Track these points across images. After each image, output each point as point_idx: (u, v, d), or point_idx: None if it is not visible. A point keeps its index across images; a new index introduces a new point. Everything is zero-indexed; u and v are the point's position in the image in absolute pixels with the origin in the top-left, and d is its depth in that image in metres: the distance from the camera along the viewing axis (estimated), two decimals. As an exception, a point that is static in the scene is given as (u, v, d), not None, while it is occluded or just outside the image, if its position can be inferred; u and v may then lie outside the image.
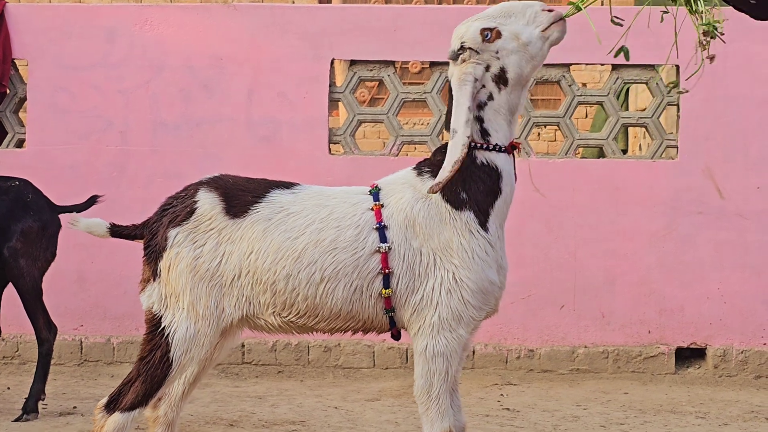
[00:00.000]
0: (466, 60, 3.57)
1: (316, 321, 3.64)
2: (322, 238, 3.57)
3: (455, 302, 3.55)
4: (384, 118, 7.32)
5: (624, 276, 7.11)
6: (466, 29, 3.58)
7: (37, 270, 5.82)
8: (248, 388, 6.70)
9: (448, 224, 3.58)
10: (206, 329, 3.60)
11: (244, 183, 3.72)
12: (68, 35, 7.29)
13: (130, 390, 3.59)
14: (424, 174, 3.65)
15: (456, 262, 3.55)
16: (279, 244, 3.58)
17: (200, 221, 3.63)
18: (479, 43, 3.55)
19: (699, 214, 7.10)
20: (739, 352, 7.08)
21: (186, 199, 3.67)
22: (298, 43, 7.24)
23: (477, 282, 3.55)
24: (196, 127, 7.25)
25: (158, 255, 3.64)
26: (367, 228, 3.59)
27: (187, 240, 3.62)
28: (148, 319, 3.66)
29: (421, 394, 3.60)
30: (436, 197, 3.60)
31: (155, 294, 3.64)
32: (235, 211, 3.63)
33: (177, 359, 3.59)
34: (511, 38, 3.55)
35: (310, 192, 3.70)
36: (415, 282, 3.57)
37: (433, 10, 7.48)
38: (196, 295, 3.60)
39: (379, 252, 3.56)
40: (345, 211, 3.62)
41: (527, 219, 6.98)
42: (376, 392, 6.58)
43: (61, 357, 7.15)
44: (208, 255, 3.61)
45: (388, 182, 3.71)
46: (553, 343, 7.13)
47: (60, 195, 6.30)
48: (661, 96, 7.14)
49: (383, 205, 3.61)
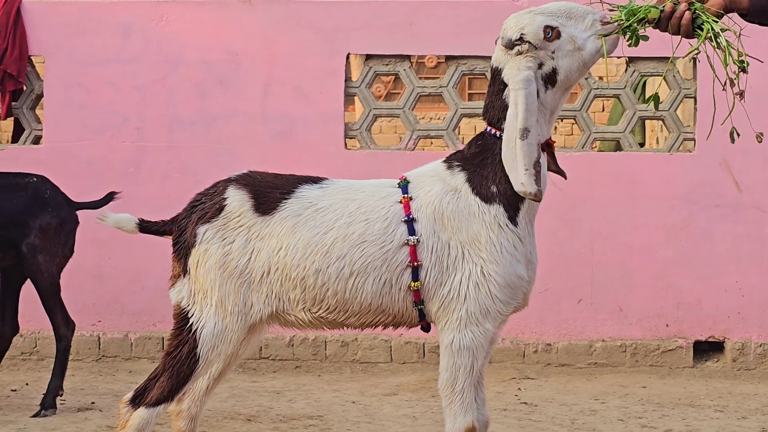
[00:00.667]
0: (523, 53, 3.52)
1: (346, 316, 3.63)
2: (350, 232, 3.56)
3: (483, 296, 3.53)
4: (400, 112, 7.31)
5: (641, 269, 7.10)
6: (529, 21, 3.52)
7: (55, 266, 5.83)
8: (266, 383, 6.71)
9: (477, 218, 3.56)
10: (234, 326, 3.60)
11: (272, 179, 3.71)
12: (84, 31, 7.30)
13: (156, 385, 3.59)
14: (455, 167, 3.63)
15: (484, 255, 3.54)
16: (308, 240, 3.57)
17: (229, 218, 3.62)
18: (540, 39, 3.50)
19: (716, 207, 7.08)
20: (758, 345, 7.06)
21: (215, 196, 3.67)
22: (313, 37, 7.24)
23: (505, 276, 3.54)
24: (212, 122, 7.25)
25: (187, 251, 3.64)
26: (395, 221, 3.57)
27: (216, 237, 3.61)
28: (176, 315, 3.65)
29: (446, 388, 3.59)
30: (465, 190, 3.58)
31: (185, 290, 3.64)
32: (264, 208, 3.62)
33: (204, 355, 3.58)
34: (569, 41, 3.51)
35: (339, 186, 3.69)
36: (443, 275, 3.56)
37: (449, 4, 7.45)
38: (225, 292, 3.59)
39: (408, 245, 3.55)
40: (373, 205, 3.60)
41: (544, 213, 6.82)
42: (393, 387, 6.58)
43: (79, 353, 7.17)
44: (237, 252, 3.60)
45: (417, 174, 3.69)
46: (570, 337, 7.13)
47: (77, 191, 6.31)
48: (678, 88, 7.12)
49: (412, 198, 3.60)
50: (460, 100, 7.25)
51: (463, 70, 7.24)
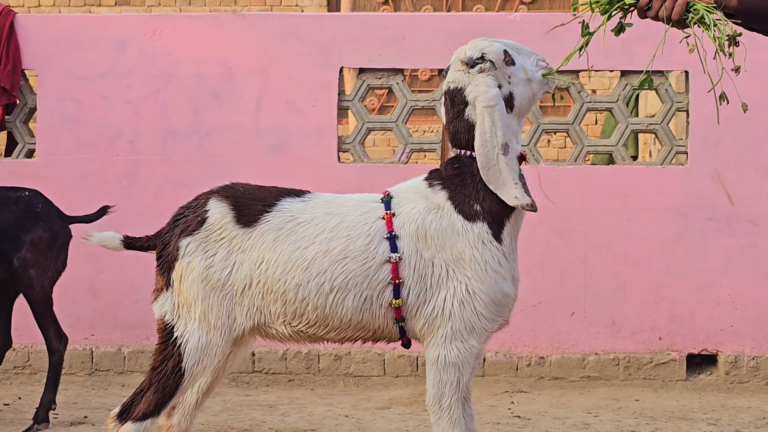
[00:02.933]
0: (485, 71, 3.56)
1: (326, 331, 3.64)
2: (332, 248, 3.57)
3: (468, 314, 3.55)
4: (393, 125, 7.32)
5: (634, 282, 7.11)
6: (489, 44, 3.60)
7: (47, 280, 5.83)
8: (259, 397, 6.70)
9: (461, 236, 3.57)
10: (218, 339, 3.61)
11: (254, 191, 3.72)
12: (78, 45, 7.32)
13: (143, 400, 3.60)
14: (435, 186, 3.65)
15: (469, 274, 3.55)
16: (289, 254, 3.58)
17: (211, 231, 3.63)
18: (501, 60, 3.57)
19: (709, 220, 7.09)
20: (751, 359, 7.06)
21: (197, 209, 3.68)
22: (306, 51, 7.25)
23: (490, 294, 3.55)
24: (206, 135, 7.26)
25: (170, 265, 3.65)
26: (377, 237, 3.58)
27: (198, 249, 3.62)
28: (160, 329, 3.66)
29: (433, 404, 3.60)
30: (448, 208, 3.60)
31: (168, 304, 3.65)
32: (246, 220, 3.63)
33: (189, 369, 3.59)
34: (522, 70, 3.61)
35: (321, 200, 3.70)
36: (426, 293, 3.57)
37: (441, 18, 7.49)
38: (208, 305, 3.60)
39: (390, 262, 3.56)
40: (355, 220, 3.61)
41: (537, 226, 6.95)
42: (386, 400, 6.58)
43: (72, 366, 7.16)
44: (219, 264, 3.61)
45: (401, 190, 3.70)
46: (563, 350, 7.13)
47: (70, 205, 6.31)
48: (671, 102, 7.13)
49: (394, 214, 3.61)
50: (453, 113, 7.25)
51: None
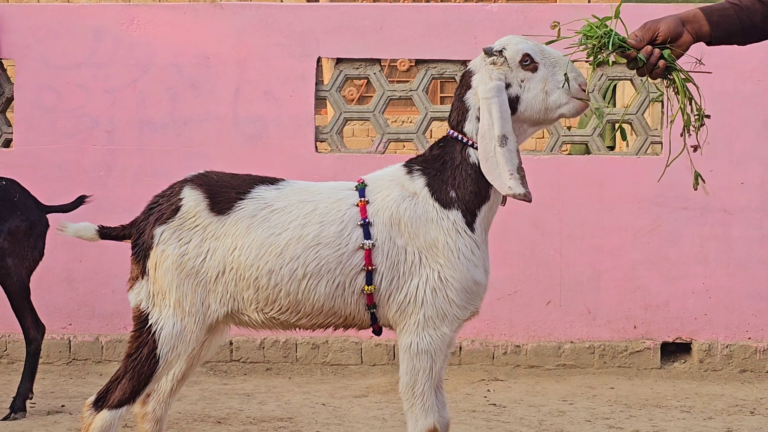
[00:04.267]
0: (496, 65, 3.59)
1: (298, 317, 3.66)
2: (305, 234, 3.59)
3: (440, 301, 3.58)
4: (370, 116, 7.35)
5: (609, 272, 7.16)
6: (516, 42, 3.60)
7: (24, 269, 5.83)
8: (236, 386, 6.73)
9: (435, 223, 3.59)
10: (192, 326, 3.63)
11: (228, 179, 3.74)
12: (55, 35, 7.30)
13: (118, 387, 3.62)
14: (414, 172, 3.67)
15: (441, 261, 3.58)
16: (262, 240, 3.60)
17: (185, 219, 3.65)
18: (516, 62, 3.57)
19: (683, 210, 7.15)
20: (724, 347, 7.13)
21: (171, 197, 3.70)
22: (284, 41, 7.26)
23: (462, 281, 3.58)
24: (183, 125, 7.27)
25: (145, 253, 3.67)
26: (351, 224, 3.61)
27: (172, 237, 3.64)
28: (135, 317, 3.68)
29: (406, 391, 3.63)
30: (424, 195, 3.62)
31: (143, 292, 3.67)
32: (220, 208, 3.65)
33: (164, 356, 3.61)
34: (541, 80, 3.58)
35: (295, 187, 3.72)
36: (399, 280, 3.59)
37: (418, 8, 7.50)
38: (182, 292, 3.62)
39: (363, 248, 3.59)
40: (329, 207, 3.63)
41: (513, 216, 6.99)
42: (363, 389, 6.61)
43: (50, 356, 7.17)
44: (193, 252, 3.63)
45: (376, 178, 3.72)
46: (539, 339, 7.18)
47: (47, 194, 6.32)
48: (646, 92, 7.18)
49: (369, 202, 3.64)
50: (429, 103, 7.29)
51: (433, 74, 7.28)
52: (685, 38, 3.39)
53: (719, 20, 3.40)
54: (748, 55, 7.07)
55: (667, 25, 3.39)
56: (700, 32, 3.40)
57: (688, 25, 3.40)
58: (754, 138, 7.18)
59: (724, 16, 3.41)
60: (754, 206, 7.15)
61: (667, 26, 3.39)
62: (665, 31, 3.38)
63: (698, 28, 3.40)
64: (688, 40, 3.40)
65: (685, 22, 3.40)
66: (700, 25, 3.40)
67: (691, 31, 3.39)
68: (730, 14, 3.41)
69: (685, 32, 3.39)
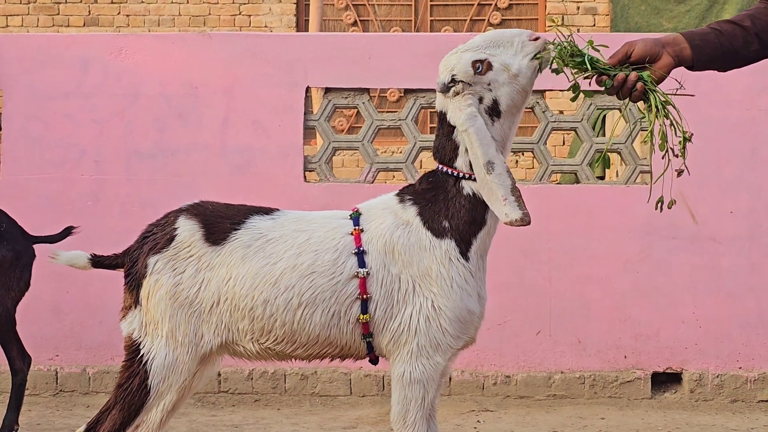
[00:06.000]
0: (459, 93, 3.54)
1: (294, 347, 3.64)
2: (300, 263, 3.57)
3: (433, 330, 3.55)
4: (359, 145, 7.33)
5: (599, 301, 7.14)
6: (456, 61, 3.54)
7: (10, 300, 5.79)
8: (224, 417, 6.67)
9: (428, 252, 3.57)
10: (185, 357, 3.60)
11: (223, 209, 3.72)
12: (42, 64, 7.28)
13: (108, 418, 3.58)
14: (406, 201, 3.65)
15: (435, 290, 3.56)
16: (257, 270, 3.57)
17: (179, 248, 3.63)
18: (471, 75, 3.51)
19: (673, 239, 7.14)
20: (715, 376, 7.10)
21: (166, 227, 3.67)
22: (272, 71, 7.26)
23: (455, 311, 3.56)
24: (171, 155, 7.24)
25: (138, 282, 3.64)
26: (345, 252, 3.59)
27: (166, 267, 3.61)
28: (127, 347, 3.65)
29: (397, 421, 3.60)
30: (417, 224, 3.60)
31: (136, 321, 3.64)
32: (215, 238, 3.63)
33: (155, 387, 3.58)
34: (502, 70, 3.51)
35: (290, 217, 3.70)
36: (393, 308, 3.57)
37: (407, 38, 7.52)
38: (176, 323, 3.59)
39: (358, 277, 3.56)
40: (323, 236, 3.62)
41: (503, 245, 6.93)
42: (353, 420, 6.57)
43: (36, 387, 7.10)
44: (188, 282, 3.60)
45: (370, 207, 3.71)
46: (529, 369, 7.14)
47: (35, 224, 6.27)
48: (635, 121, 7.19)
49: (363, 230, 3.62)
50: (419, 133, 7.29)
51: (422, 104, 7.28)
52: (666, 60, 3.36)
53: (701, 44, 3.38)
54: (735, 82, 7.10)
55: (644, 44, 3.36)
56: (682, 55, 3.37)
57: (669, 48, 3.37)
58: (743, 166, 7.18)
59: (706, 40, 3.39)
60: (743, 235, 7.15)
61: (643, 45, 3.36)
62: (641, 50, 3.35)
63: (679, 51, 3.37)
64: (669, 62, 3.36)
65: (665, 45, 3.37)
66: (681, 48, 3.37)
67: (672, 53, 3.36)
68: (711, 39, 3.39)
69: (664, 54, 3.35)
